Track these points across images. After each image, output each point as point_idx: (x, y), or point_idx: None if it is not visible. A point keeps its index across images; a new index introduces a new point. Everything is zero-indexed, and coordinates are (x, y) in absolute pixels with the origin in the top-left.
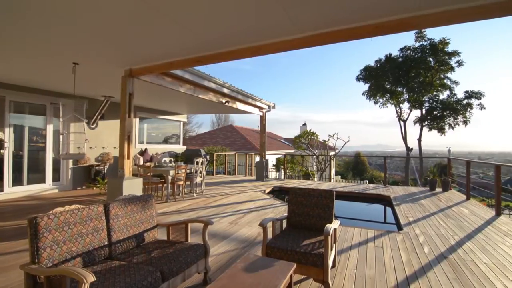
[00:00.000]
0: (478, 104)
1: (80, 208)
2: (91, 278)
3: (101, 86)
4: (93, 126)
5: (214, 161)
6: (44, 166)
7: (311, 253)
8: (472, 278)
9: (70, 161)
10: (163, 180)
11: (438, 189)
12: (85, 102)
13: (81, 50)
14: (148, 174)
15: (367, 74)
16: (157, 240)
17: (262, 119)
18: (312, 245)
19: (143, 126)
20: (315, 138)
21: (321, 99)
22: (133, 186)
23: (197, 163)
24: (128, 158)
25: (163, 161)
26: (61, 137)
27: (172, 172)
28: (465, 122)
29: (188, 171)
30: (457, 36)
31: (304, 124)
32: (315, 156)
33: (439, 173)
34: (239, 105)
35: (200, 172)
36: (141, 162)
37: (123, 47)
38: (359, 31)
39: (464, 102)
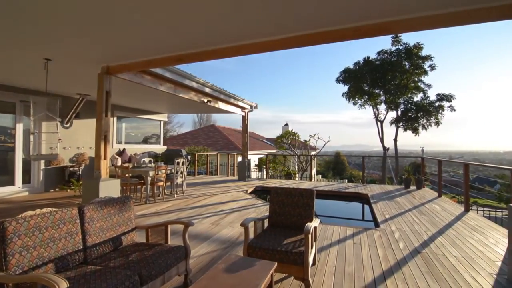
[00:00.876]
0: (449, 106)
1: (52, 211)
2: (64, 284)
3: (76, 83)
4: (67, 125)
5: (196, 162)
6: (13, 168)
7: (292, 251)
8: (443, 271)
9: (42, 162)
10: (142, 181)
11: (412, 187)
12: (59, 100)
13: (53, 45)
14: (127, 175)
15: (346, 76)
16: (135, 243)
17: (244, 119)
18: (293, 243)
19: (121, 125)
20: (297, 138)
21: (303, 99)
22: (110, 188)
23: (178, 163)
24: (105, 158)
25: (142, 162)
26: (31, 136)
27: (151, 173)
28: (437, 123)
29: (168, 171)
30: (437, 41)
31: (286, 124)
32: (296, 156)
33: (413, 172)
34: (221, 105)
35: (181, 173)
36: (119, 163)
37: (99, 43)
38: (339, 34)
39: (436, 104)
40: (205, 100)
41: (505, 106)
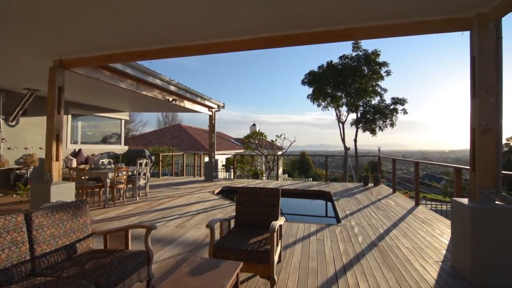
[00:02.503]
0: (402, 109)
1: None
2: None
3: (23, 76)
4: (13, 123)
5: (160, 162)
6: None
7: (257, 250)
8: (396, 261)
9: None
10: (100, 184)
11: (370, 184)
12: (2, 96)
13: None
14: (83, 177)
15: (311, 79)
16: (92, 250)
17: (212, 118)
18: (259, 242)
19: (76, 124)
20: (264, 138)
21: (271, 100)
22: (63, 192)
23: (141, 164)
24: (57, 160)
25: (100, 163)
26: None
27: (111, 175)
28: (392, 125)
29: (130, 173)
30: (393, 49)
31: (254, 125)
32: (263, 156)
33: (371, 170)
34: (187, 104)
35: (144, 174)
36: (74, 165)
37: (50, 34)
38: (303, 38)
39: (391, 107)
40: (170, 99)
41: (450, 111)
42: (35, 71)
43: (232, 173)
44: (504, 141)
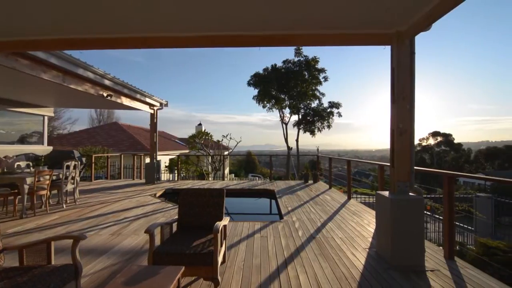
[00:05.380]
0: (337, 113)
1: None
2: None
3: None
4: None
5: (93, 164)
6: None
7: (200, 253)
8: (331, 251)
9: None
10: (16, 191)
11: (310, 181)
12: None
13: None
14: None
15: (256, 80)
16: (3, 269)
17: (153, 117)
18: (202, 244)
19: None
20: (209, 138)
21: (217, 100)
22: None
23: (68, 167)
24: None
25: (16, 166)
26: None
27: (29, 180)
28: (329, 126)
29: (54, 177)
30: (330, 57)
31: (200, 124)
32: (209, 156)
33: (311, 168)
34: (125, 101)
35: (72, 178)
36: None
37: None
38: (247, 40)
39: (328, 110)
40: (105, 94)
41: (377, 114)
42: None
43: (176, 175)
44: (416, 142)
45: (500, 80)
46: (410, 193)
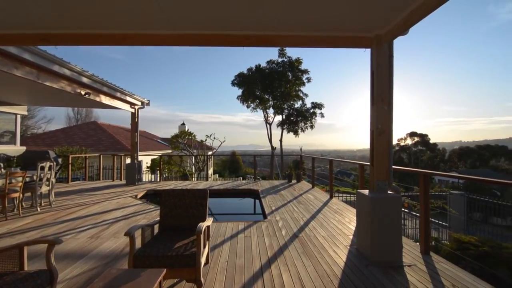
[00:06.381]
0: (320, 113)
1: None
2: None
3: None
4: None
5: (70, 165)
6: None
7: (183, 254)
8: (314, 249)
9: None
10: None
11: (294, 181)
12: None
13: None
14: None
15: (240, 80)
16: None
17: (134, 116)
18: (185, 246)
19: None
20: (193, 138)
21: (201, 100)
22: None
23: (43, 168)
24: None
25: None
26: None
27: (0, 182)
28: (312, 127)
29: (27, 179)
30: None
31: (183, 124)
32: (193, 156)
33: (294, 168)
34: (104, 99)
35: (48, 180)
36: None
37: None
38: (231, 39)
39: (311, 111)
40: (82, 92)
41: (357, 115)
42: None
43: (158, 175)
44: (395, 142)
45: (473, 82)
46: (389, 192)
